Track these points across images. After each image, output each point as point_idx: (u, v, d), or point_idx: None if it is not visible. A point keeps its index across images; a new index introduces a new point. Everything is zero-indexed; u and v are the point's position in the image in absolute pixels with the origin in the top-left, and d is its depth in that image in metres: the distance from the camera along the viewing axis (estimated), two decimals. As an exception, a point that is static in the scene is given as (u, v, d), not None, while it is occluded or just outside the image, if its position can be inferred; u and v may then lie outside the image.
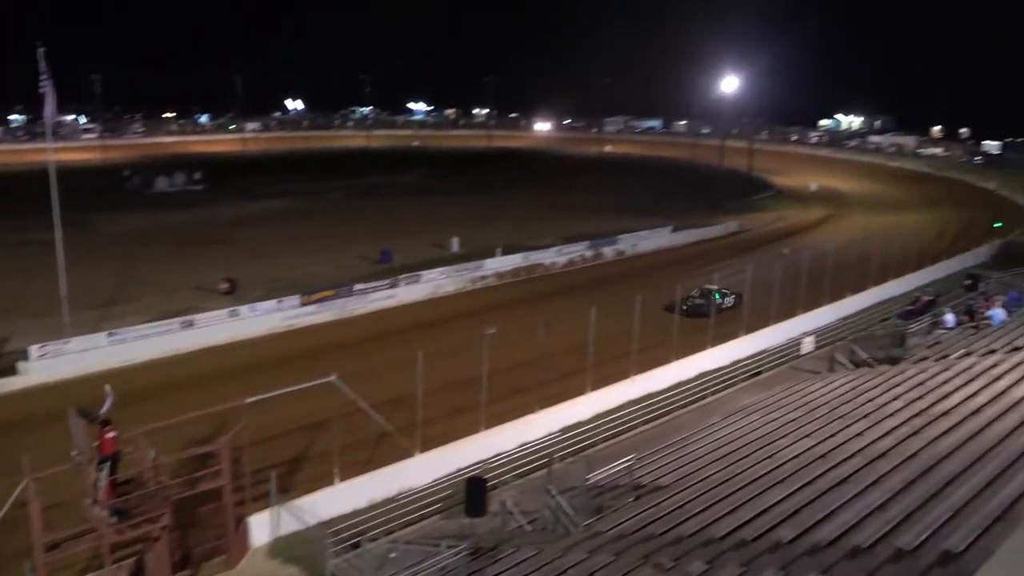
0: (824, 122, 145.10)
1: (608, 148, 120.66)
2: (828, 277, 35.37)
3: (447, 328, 34.88)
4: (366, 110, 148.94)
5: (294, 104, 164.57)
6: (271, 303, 35.73)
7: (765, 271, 33.93)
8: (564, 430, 23.92)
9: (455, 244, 50.64)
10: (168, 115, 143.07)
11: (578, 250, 49.79)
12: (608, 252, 51.23)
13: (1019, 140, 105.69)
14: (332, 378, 19.09)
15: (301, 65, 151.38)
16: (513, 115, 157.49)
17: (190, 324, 32.89)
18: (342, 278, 41.32)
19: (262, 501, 18.51)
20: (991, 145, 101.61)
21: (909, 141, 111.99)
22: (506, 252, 46.84)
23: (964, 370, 22.17)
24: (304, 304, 36.34)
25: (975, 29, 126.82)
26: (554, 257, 48.44)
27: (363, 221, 61.44)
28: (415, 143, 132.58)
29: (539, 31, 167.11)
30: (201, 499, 16.84)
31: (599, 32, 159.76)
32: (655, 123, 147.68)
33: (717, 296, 35.88)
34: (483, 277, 44.22)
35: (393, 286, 39.98)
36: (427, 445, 21.30)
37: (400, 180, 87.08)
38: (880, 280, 39.80)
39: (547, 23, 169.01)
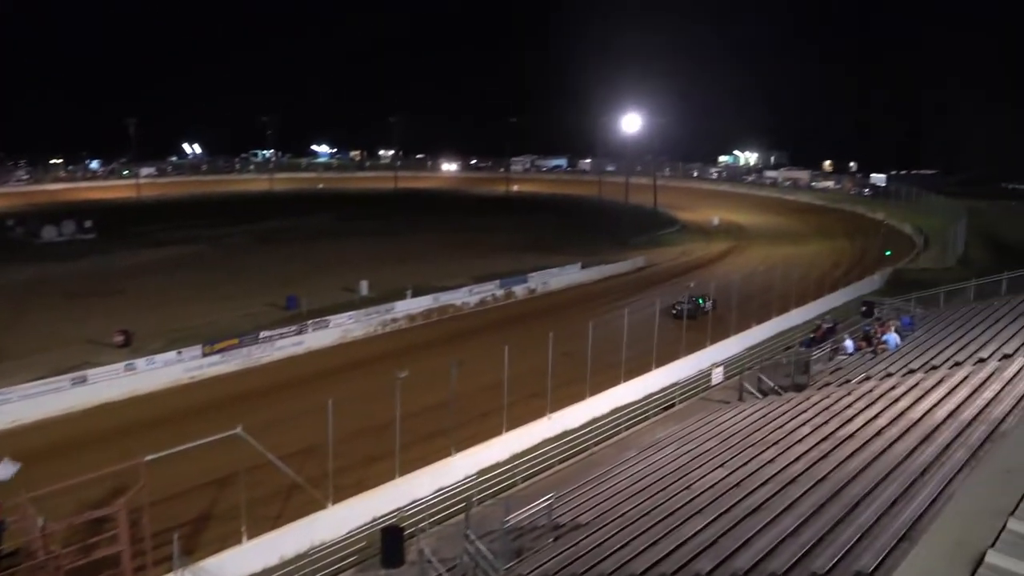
0: (723, 158, 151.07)
1: (515, 187, 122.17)
2: (734, 308, 36.53)
3: (358, 373, 34.32)
4: (268, 153, 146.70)
5: (192, 148, 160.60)
6: (170, 355, 34.39)
7: (672, 304, 34.61)
8: (481, 472, 23.71)
9: (364, 287, 50.06)
10: (55, 161, 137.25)
11: (489, 289, 49.92)
12: (519, 290, 51.56)
13: (902, 173, 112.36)
14: (237, 430, 18.43)
15: (199, 107, 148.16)
16: (419, 156, 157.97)
17: (83, 380, 31.28)
18: (247, 326, 40.21)
19: (164, 565, 17.58)
20: (878, 178, 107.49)
21: (803, 175, 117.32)
22: (416, 294, 46.56)
23: (865, 393, 23.17)
24: (207, 354, 35.13)
25: (859, 72, 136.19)
26: (465, 297, 48.41)
27: (268, 266, 60.11)
28: (320, 185, 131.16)
29: (444, 72, 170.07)
30: (97, 567, 15.87)
31: (505, 71, 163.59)
32: (561, 162, 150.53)
33: (701, 301, 41.31)
34: (394, 320, 43.78)
35: (301, 332, 39.11)
36: (340, 495, 20.75)
37: (306, 223, 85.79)
38: (782, 309, 41.33)
39: (453, 64, 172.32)
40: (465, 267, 58.35)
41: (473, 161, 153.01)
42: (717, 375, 32.45)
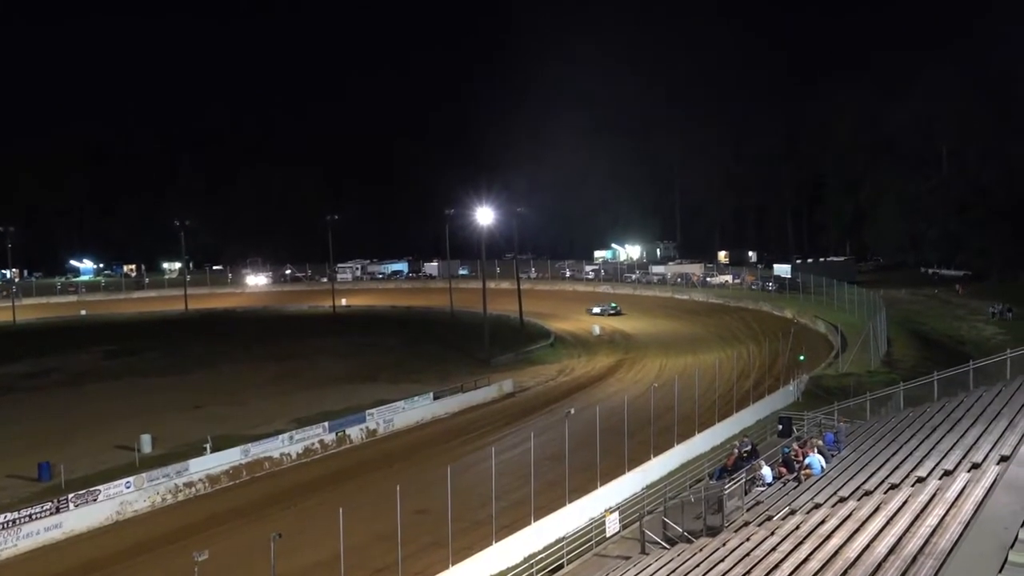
0: (601, 253, 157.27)
1: (344, 301, 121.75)
2: (626, 437, 37.23)
3: (141, 562, 32.39)
4: (9, 273, 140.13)
5: None
6: None
7: (552, 438, 34.97)
8: None
9: (147, 443, 47.85)
10: None
11: (316, 434, 48.84)
12: (356, 433, 50.71)
13: (808, 261, 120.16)
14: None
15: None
16: (217, 267, 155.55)
17: None
18: (-20, 508, 37.33)
19: None
20: (781, 269, 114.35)
21: (695, 269, 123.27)
22: (219, 447, 44.90)
23: (791, 532, 23.89)
24: (-78, 553, 32.21)
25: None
26: (285, 446, 47.07)
27: (11, 425, 56.50)
28: (83, 312, 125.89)
29: (242, 162, 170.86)
30: None
31: (313, 164, 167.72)
32: (401, 267, 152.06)
33: None
34: (189, 484, 41.85)
35: (58, 511, 36.65)
36: None
37: (65, 364, 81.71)
38: (686, 434, 42.47)
39: (255, 151, 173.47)
40: (283, 407, 57.28)
41: (288, 271, 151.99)
42: (612, 523, 32.66)
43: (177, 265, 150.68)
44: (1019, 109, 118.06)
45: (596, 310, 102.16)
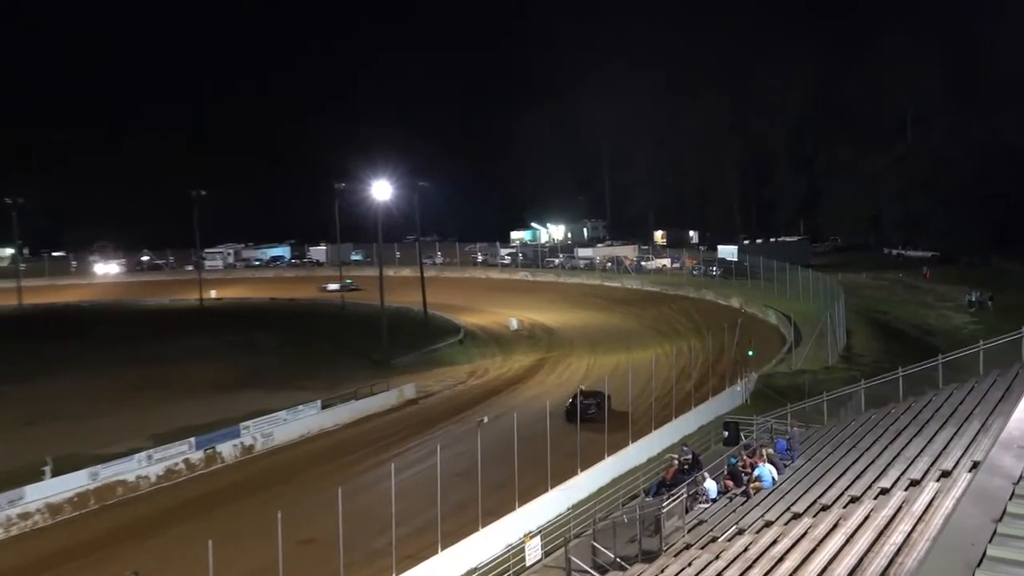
0: (518, 235, 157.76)
1: (214, 292, 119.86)
2: (548, 449, 37.25)
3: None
4: None
5: None
6: None
7: (462, 452, 34.75)
8: None
9: (-31, 468, 46.46)
10: None
11: (180, 452, 47.86)
12: (228, 450, 49.88)
13: (757, 241, 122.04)
14: None
15: None
16: (59, 254, 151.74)
17: None
18: None
19: None
20: (727, 251, 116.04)
21: (628, 252, 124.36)
22: (61, 470, 43.71)
23: (739, 555, 24.17)
24: None
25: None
26: (142, 468, 46.05)
27: None
28: None
29: (88, 132, 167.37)
30: None
31: (176, 133, 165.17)
32: (282, 252, 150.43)
33: None
34: (25, 515, 40.67)
35: None
36: None
37: None
38: (617, 444, 42.56)
39: (98, 118, 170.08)
40: (140, 421, 56.17)
41: (145, 257, 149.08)
42: (533, 550, 32.66)
43: (8, 251, 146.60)
44: (986, 75, 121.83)
45: (333, 286, 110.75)
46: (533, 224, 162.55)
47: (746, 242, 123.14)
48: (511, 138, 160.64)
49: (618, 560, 29.79)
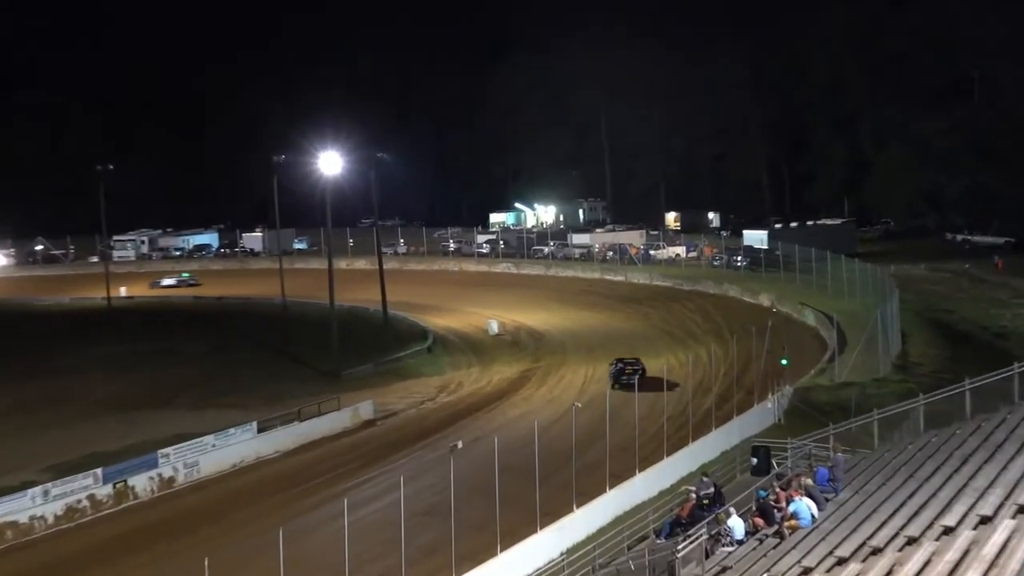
0: (498, 218, 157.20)
1: (124, 290, 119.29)
2: (536, 481, 37.10)
3: None
4: None
5: None
6: None
7: (430, 484, 34.37)
8: None
9: None
10: None
11: (84, 487, 47.54)
12: (143, 484, 49.57)
13: (791, 225, 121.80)
14: None
15: None
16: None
17: None
18: None
19: None
20: (755, 237, 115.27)
21: (633, 239, 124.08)
22: (-68, 509, 43.46)
23: (771, 610, 24.02)
24: None
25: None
26: (37, 507, 45.75)
27: None
28: None
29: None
30: None
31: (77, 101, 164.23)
32: (208, 239, 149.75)
33: None
34: None
35: None
36: None
37: None
38: (622, 475, 42.51)
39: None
40: (35, 448, 55.89)
41: (38, 247, 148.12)
42: (519, 605, 32.58)
43: None
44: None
45: (168, 282, 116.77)
46: (517, 205, 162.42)
47: (778, 226, 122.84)
48: (488, 100, 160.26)
49: (623, 616, 29.68)
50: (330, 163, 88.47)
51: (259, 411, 60.87)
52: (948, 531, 25.45)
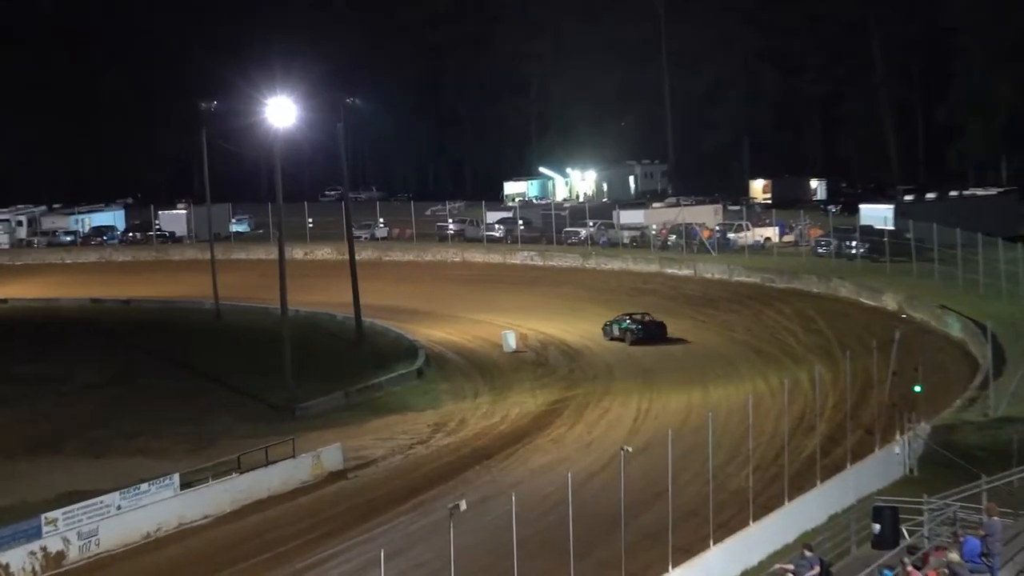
0: (516, 188, 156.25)
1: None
2: (571, 556, 37.10)
3: None
4: None
5: None
6: None
7: (418, 564, 33.92)
8: None
9: None
10: None
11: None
12: (20, 560, 49.66)
13: (928, 196, 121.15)
14: None
15: None
16: None
17: None
18: None
19: None
20: (876, 214, 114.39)
21: (704, 216, 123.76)
22: None
23: None
24: None
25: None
26: None
27: None
28: None
29: None
30: None
31: None
32: (111, 218, 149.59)
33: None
34: None
35: None
36: None
37: None
38: (689, 547, 42.50)
39: None
40: None
41: None
42: None
43: None
44: None
45: None
46: (542, 169, 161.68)
47: (908, 198, 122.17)
48: (501, 12, 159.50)
49: None
50: (280, 112, 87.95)
51: (181, 460, 60.89)
52: None
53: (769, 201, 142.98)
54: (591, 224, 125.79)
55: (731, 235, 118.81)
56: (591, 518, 40.89)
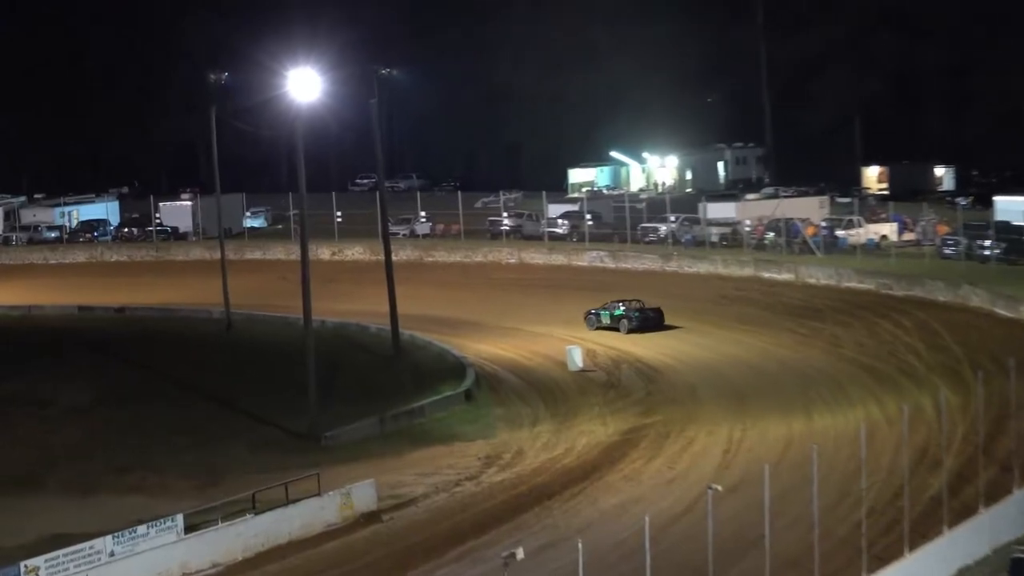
0: (581, 177, 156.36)
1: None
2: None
3: None
4: None
5: None
6: None
7: None
8: None
9: None
10: None
11: None
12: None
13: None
14: None
15: None
16: None
17: None
18: None
19: None
20: (1012, 207, 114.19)
21: (809, 210, 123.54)
22: None
23: None
24: None
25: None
26: None
27: None
28: None
29: None
30: None
31: None
32: (102, 210, 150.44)
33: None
34: None
35: None
36: None
37: None
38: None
39: None
40: None
41: None
42: None
43: None
44: None
45: None
46: (614, 154, 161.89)
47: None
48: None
49: None
50: (303, 86, 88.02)
51: (185, 498, 60.77)
52: None
53: (886, 192, 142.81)
54: (672, 219, 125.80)
55: (840, 233, 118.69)
56: (674, 568, 40.91)
